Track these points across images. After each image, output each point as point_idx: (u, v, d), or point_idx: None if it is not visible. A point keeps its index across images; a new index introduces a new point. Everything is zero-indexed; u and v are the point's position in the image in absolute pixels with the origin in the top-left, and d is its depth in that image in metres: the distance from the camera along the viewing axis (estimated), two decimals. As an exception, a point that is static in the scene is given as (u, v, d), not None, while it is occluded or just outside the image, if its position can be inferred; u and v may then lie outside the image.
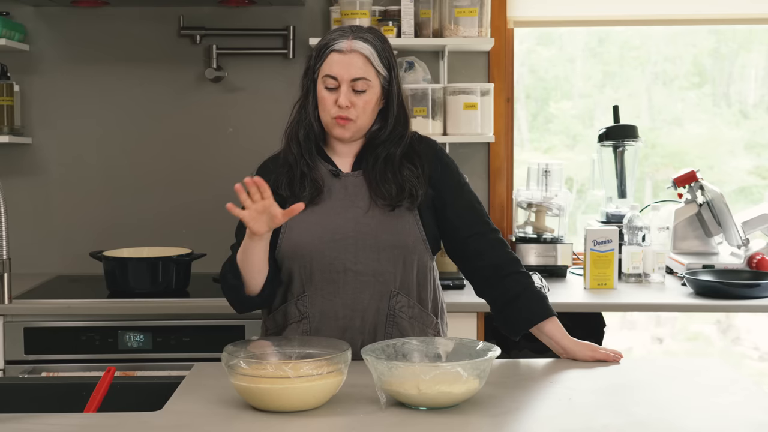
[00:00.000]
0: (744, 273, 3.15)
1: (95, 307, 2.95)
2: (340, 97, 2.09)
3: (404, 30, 3.31)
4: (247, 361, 1.74)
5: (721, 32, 4.01)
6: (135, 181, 3.57)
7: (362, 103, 2.10)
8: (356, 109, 2.10)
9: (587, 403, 1.82)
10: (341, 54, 2.09)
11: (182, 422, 1.71)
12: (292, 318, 2.15)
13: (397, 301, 2.14)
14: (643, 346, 4.70)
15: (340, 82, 2.09)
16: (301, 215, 2.11)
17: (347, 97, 2.09)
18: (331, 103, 2.10)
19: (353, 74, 2.09)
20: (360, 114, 2.11)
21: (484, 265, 2.19)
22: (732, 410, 1.78)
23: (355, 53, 2.09)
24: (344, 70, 2.09)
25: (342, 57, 2.09)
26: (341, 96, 2.09)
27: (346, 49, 2.09)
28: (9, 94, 3.42)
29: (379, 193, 2.13)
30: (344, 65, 2.09)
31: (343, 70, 2.09)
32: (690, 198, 3.43)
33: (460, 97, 3.32)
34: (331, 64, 2.10)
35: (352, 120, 2.11)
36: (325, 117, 2.13)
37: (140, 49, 3.54)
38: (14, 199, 3.44)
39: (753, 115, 4.08)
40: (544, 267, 3.32)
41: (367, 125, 2.15)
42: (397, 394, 1.75)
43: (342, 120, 2.10)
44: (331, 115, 2.11)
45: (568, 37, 4.01)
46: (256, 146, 2.98)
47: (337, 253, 2.11)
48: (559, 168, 3.48)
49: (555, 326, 2.15)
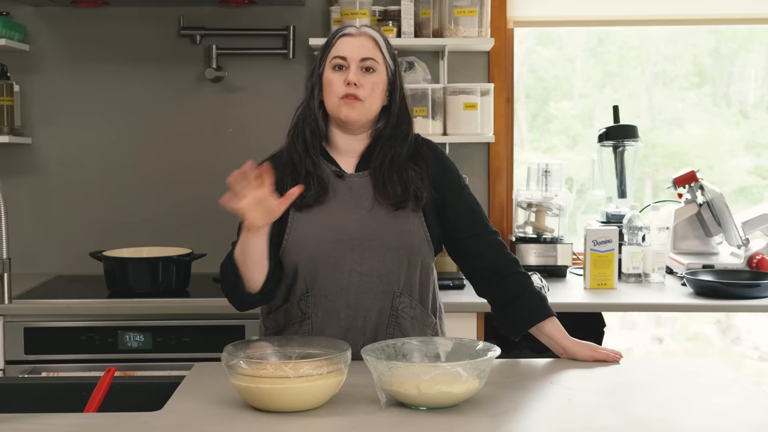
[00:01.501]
0: (744, 273, 3.15)
1: (95, 307, 2.95)
2: (349, 74, 2.09)
3: (404, 30, 3.31)
4: (247, 361, 1.74)
5: (721, 32, 4.01)
6: (135, 181, 3.57)
7: (370, 84, 2.11)
8: (365, 90, 2.10)
9: (587, 403, 1.82)
10: (351, 37, 2.13)
11: (182, 422, 1.71)
12: (294, 318, 2.15)
13: (400, 301, 2.14)
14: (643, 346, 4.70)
15: (350, 62, 2.10)
16: (306, 215, 2.11)
17: (356, 75, 2.09)
18: (340, 82, 2.10)
19: (363, 54, 2.11)
20: (368, 95, 2.11)
21: (483, 266, 2.19)
22: (732, 410, 1.78)
23: (364, 36, 2.13)
24: (354, 51, 2.11)
25: (352, 39, 2.12)
26: (351, 73, 2.09)
27: (355, 32, 2.13)
28: (9, 94, 3.42)
29: (384, 194, 2.13)
30: (354, 46, 2.11)
31: (353, 50, 2.11)
32: (690, 198, 3.43)
33: (460, 97, 3.32)
34: (340, 46, 2.12)
35: (360, 100, 2.10)
36: (331, 100, 2.12)
37: (140, 49, 3.54)
38: (14, 199, 3.45)
39: (753, 115, 4.08)
40: (544, 267, 3.32)
41: (373, 110, 2.14)
42: (397, 394, 1.75)
43: (350, 98, 2.09)
44: (338, 95, 2.10)
45: (568, 37, 4.01)
46: (256, 146, 2.98)
47: (343, 253, 2.11)
48: (559, 168, 3.48)
49: (555, 326, 2.15)
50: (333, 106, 2.12)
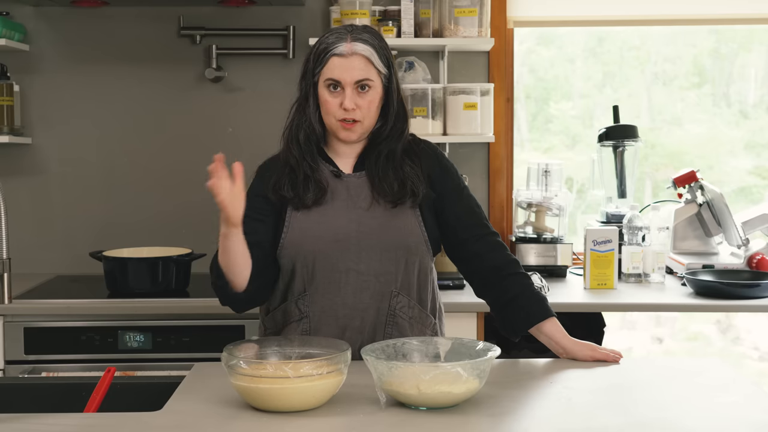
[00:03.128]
0: (744, 273, 3.15)
1: (95, 307, 2.95)
2: (345, 100, 2.08)
3: (404, 30, 3.31)
4: (246, 361, 1.75)
5: (721, 32, 4.01)
6: (135, 181, 3.57)
7: (366, 103, 2.11)
8: (361, 111, 2.10)
9: (586, 402, 1.82)
10: (342, 58, 2.09)
11: (182, 422, 1.71)
12: (292, 317, 2.15)
13: (398, 301, 2.15)
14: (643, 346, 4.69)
15: (344, 86, 2.09)
16: (303, 215, 2.12)
17: (352, 99, 2.09)
18: (336, 106, 2.10)
19: (356, 77, 2.09)
20: (365, 114, 2.11)
21: (482, 267, 2.19)
22: (732, 410, 1.78)
23: (356, 56, 2.09)
24: (347, 74, 2.09)
25: (343, 61, 2.09)
26: (346, 99, 2.08)
27: (347, 52, 2.09)
28: (9, 94, 3.42)
29: (381, 191, 2.13)
30: (346, 69, 2.09)
31: (346, 73, 2.09)
32: (690, 198, 3.43)
33: (460, 97, 3.32)
34: (333, 68, 2.09)
35: (359, 121, 2.11)
36: (329, 120, 2.13)
37: (140, 49, 3.54)
38: (14, 199, 3.45)
39: (753, 115, 4.08)
40: (544, 267, 3.33)
41: (372, 125, 2.15)
42: (397, 394, 1.75)
43: (348, 123, 2.11)
44: (336, 118, 2.11)
45: (568, 37, 4.01)
46: (256, 146, 2.98)
47: (340, 253, 2.11)
48: (559, 168, 3.48)
49: (554, 326, 2.15)
50: (331, 124, 2.13)
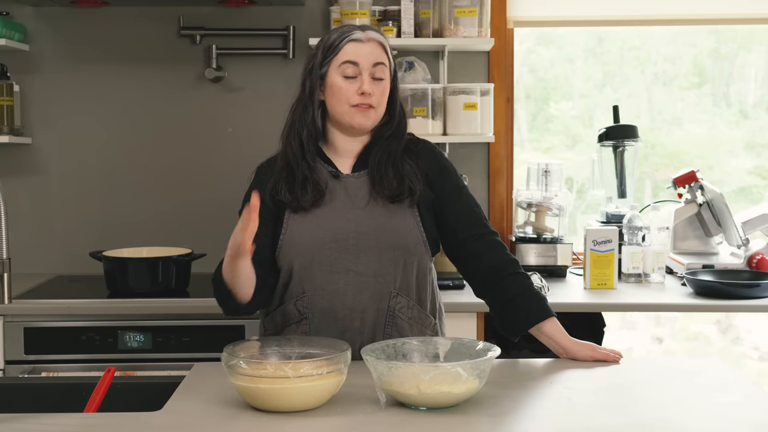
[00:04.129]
0: (744, 273, 3.15)
1: (95, 307, 2.95)
2: (363, 84, 2.09)
3: (404, 30, 3.31)
4: (246, 361, 1.74)
5: (721, 32, 4.01)
6: (135, 181, 3.57)
7: (380, 91, 2.12)
8: (376, 97, 2.11)
9: (587, 402, 1.82)
10: (359, 42, 2.11)
11: (182, 422, 1.71)
12: (292, 319, 2.15)
13: (397, 302, 2.14)
14: (643, 346, 4.69)
15: (361, 69, 2.10)
16: (302, 216, 2.12)
17: (369, 83, 2.09)
18: (351, 92, 2.10)
19: (374, 59, 2.10)
20: (380, 101, 2.12)
21: (481, 267, 2.19)
22: (732, 410, 1.78)
23: (372, 41, 2.12)
24: (365, 56, 2.10)
25: (360, 45, 2.11)
26: (365, 83, 2.09)
27: (363, 38, 2.11)
28: (9, 94, 3.42)
29: (380, 189, 2.13)
30: (365, 52, 2.10)
31: (364, 56, 2.10)
32: (690, 198, 3.43)
33: (460, 97, 3.32)
34: (349, 52, 2.10)
35: (374, 107, 2.11)
36: (342, 108, 2.12)
37: (140, 49, 3.54)
38: (14, 199, 3.45)
39: (753, 115, 4.08)
40: (544, 267, 3.33)
41: (381, 116, 2.16)
42: (397, 394, 1.75)
43: (364, 107, 2.10)
44: (351, 104, 2.10)
45: (568, 37, 4.01)
46: (256, 146, 2.98)
47: (339, 253, 2.11)
48: (558, 168, 3.48)
49: (554, 326, 2.15)
50: (343, 112, 2.12)
